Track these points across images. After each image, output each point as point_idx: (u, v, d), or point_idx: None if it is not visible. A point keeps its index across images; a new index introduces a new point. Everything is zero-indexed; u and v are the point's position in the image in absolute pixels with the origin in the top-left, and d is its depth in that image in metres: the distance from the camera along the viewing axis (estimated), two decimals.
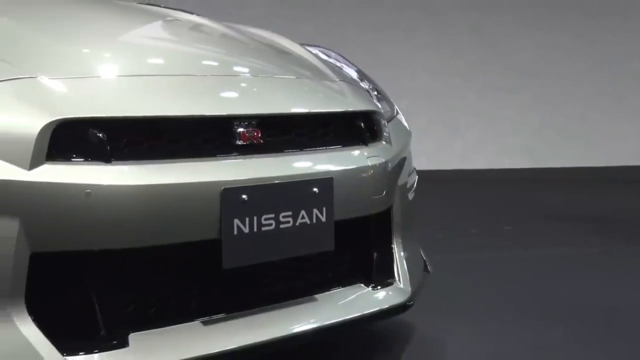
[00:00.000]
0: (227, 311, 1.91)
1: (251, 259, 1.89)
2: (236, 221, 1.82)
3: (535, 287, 3.24)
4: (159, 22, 2.56)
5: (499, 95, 8.22)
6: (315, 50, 2.65)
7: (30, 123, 1.62)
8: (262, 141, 1.94)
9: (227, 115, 1.93)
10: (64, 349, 1.62)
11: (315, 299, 2.08)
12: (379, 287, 2.23)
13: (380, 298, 2.21)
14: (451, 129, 8.09)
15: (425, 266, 2.56)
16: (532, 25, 8.20)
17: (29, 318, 1.61)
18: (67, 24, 2.28)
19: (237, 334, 1.87)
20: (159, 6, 2.76)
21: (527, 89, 8.21)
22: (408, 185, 2.45)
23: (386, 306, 2.20)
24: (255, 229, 1.85)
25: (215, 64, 2.25)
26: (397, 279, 2.29)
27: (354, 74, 2.59)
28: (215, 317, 1.88)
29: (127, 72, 1.97)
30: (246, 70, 2.26)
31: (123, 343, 1.70)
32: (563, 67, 8.25)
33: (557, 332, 2.63)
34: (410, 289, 2.29)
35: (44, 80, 1.74)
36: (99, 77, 1.90)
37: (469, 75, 8.18)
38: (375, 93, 2.53)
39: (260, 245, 1.88)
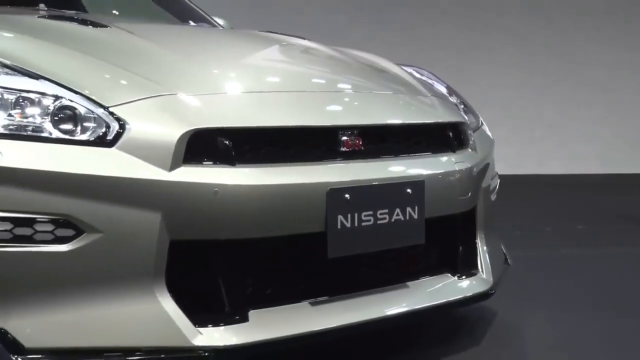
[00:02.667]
0: (331, 294, 1.92)
1: (352, 249, 1.90)
2: (340, 217, 1.83)
3: (605, 281, 3.13)
4: (276, 47, 2.60)
5: (573, 108, 7.97)
6: (409, 69, 2.63)
7: (171, 132, 1.68)
8: (362, 148, 1.95)
9: (333, 125, 1.95)
10: (196, 322, 1.68)
11: (407, 286, 2.07)
12: (463, 277, 2.20)
13: (464, 286, 2.19)
14: (528, 138, 7.90)
15: (506, 259, 2.52)
16: (604, 44, 7.93)
17: (168, 295, 1.67)
18: (199, 48, 2.35)
19: (339, 314, 1.88)
20: (276, 33, 2.81)
21: (599, 102, 7.94)
22: (491, 188, 2.41)
23: (470, 294, 2.18)
24: (356, 224, 1.86)
25: (323, 81, 2.27)
26: (480, 270, 2.26)
27: (443, 90, 2.57)
28: (320, 299, 1.90)
29: (249, 89, 2.01)
30: (349, 86, 2.27)
31: (244, 318, 1.74)
32: (632, 83, 7.94)
33: (627, 322, 2.54)
34: (492, 279, 2.25)
35: (182, 96, 1.79)
36: (226, 93, 1.95)
37: (545, 90, 7.97)
38: (463, 106, 2.50)
39: (360, 238, 1.89)
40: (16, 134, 1.64)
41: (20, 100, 1.68)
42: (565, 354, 2.27)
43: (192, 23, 3.18)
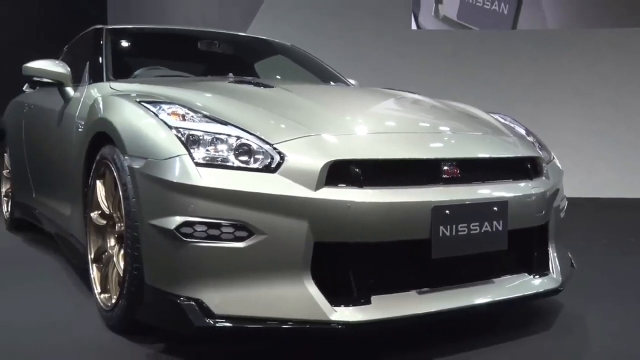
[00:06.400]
0: (433, 286, 1.85)
1: (450, 252, 1.82)
2: (441, 227, 1.77)
3: None
4: (392, 99, 2.56)
5: (625, 147, 7.38)
6: (496, 116, 2.51)
7: (316, 162, 1.69)
8: (459, 175, 1.88)
9: (436, 158, 1.88)
10: (332, 302, 1.66)
11: (493, 282, 1.96)
12: (537, 276, 2.06)
13: (538, 284, 2.04)
14: (589, 170, 7.38)
15: (572, 263, 2.32)
16: None
17: (312, 281, 1.66)
18: (337, 101, 2.35)
19: (439, 301, 1.81)
20: (393, 89, 2.77)
21: None
22: (560, 207, 2.24)
23: (542, 290, 2.03)
24: (453, 233, 1.79)
25: (428, 125, 2.20)
26: (551, 271, 2.10)
27: (522, 131, 2.42)
28: (425, 289, 1.83)
29: (373, 131, 1.97)
30: (448, 129, 2.18)
31: (367, 301, 1.71)
32: None
33: None
34: (560, 278, 2.09)
35: (325, 136, 1.80)
36: (356, 134, 1.92)
37: (603, 134, 7.44)
38: (538, 144, 2.35)
39: (457, 244, 1.81)
40: (210, 163, 1.70)
41: (214, 140, 1.74)
42: (622, 338, 2.04)
43: (332, 83, 3.21)
